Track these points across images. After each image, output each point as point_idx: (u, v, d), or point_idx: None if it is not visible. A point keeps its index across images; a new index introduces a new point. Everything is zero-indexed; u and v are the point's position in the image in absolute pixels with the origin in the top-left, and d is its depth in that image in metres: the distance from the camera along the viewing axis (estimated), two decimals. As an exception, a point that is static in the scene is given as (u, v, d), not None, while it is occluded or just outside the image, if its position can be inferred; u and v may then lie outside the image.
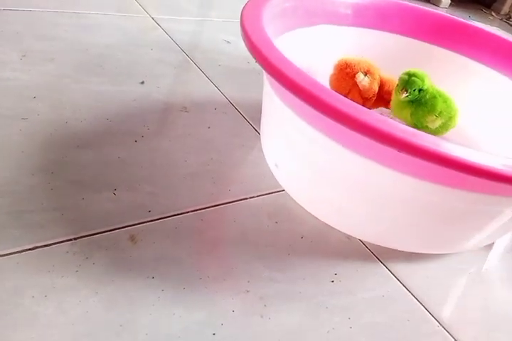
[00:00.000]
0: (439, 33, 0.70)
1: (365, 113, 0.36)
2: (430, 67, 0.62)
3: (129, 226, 0.43)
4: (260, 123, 0.60)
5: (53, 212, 0.42)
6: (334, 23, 0.63)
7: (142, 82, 0.65)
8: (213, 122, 0.61)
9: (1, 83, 0.56)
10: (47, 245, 0.39)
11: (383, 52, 0.67)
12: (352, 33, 0.65)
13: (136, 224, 0.43)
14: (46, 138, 0.50)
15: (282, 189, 0.53)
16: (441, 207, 0.43)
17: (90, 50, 0.69)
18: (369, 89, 0.58)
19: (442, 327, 0.42)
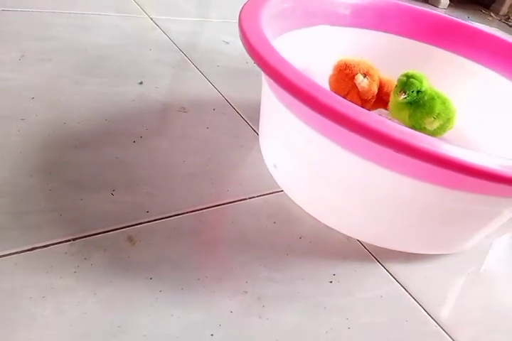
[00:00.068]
0: (438, 34, 0.70)
1: (364, 114, 0.36)
2: (428, 67, 0.62)
3: (128, 227, 0.43)
4: (259, 123, 0.60)
5: (51, 213, 0.42)
6: (333, 24, 0.63)
7: (141, 83, 0.65)
8: (212, 123, 0.61)
9: (-1, 83, 0.56)
10: (45, 246, 0.39)
11: (382, 52, 0.67)
12: (350, 33, 0.65)
13: (134, 225, 0.43)
14: (44, 139, 0.50)
15: (281, 189, 0.53)
16: (439, 207, 0.43)
17: (88, 51, 0.69)
18: (368, 90, 0.58)
19: (441, 327, 0.42)
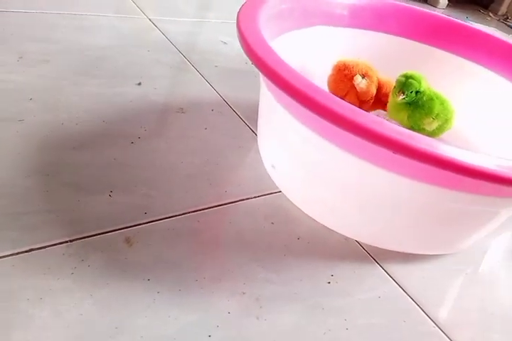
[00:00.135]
0: (436, 34, 0.70)
1: (361, 115, 0.36)
2: (427, 68, 0.62)
3: (125, 228, 0.43)
4: (257, 124, 0.60)
5: (49, 214, 0.42)
6: (331, 24, 0.63)
7: (139, 83, 0.65)
8: (210, 123, 0.61)
9: (-3, 85, 0.56)
10: (42, 247, 0.39)
11: (380, 53, 0.67)
12: (348, 34, 0.65)
13: (132, 226, 0.43)
14: (42, 140, 0.50)
15: (279, 190, 0.53)
16: (437, 208, 0.43)
17: (87, 52, 0.69)
18: (366, 91, 0.58)
19: (438, 328, 0.42)
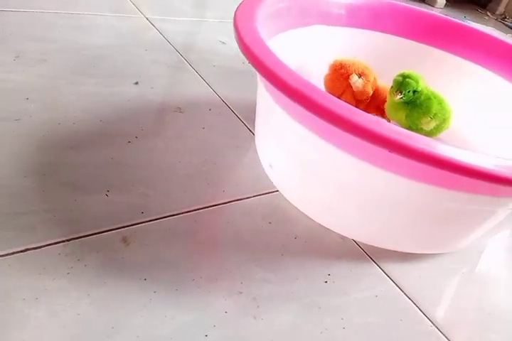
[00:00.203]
0: (434, 34, 0.70)
1: (359, 114, 0.36)
2: (424, 67, 0.62)
3: (122, 227, 0.42)
4: (255, 123, 0.60)
5: (45, 214, 0.41)
6: (328, 24, 0.63)
7: (136, 83, 0.65)
8: (208, 123, 0.61)
9: (-7, 84, 0.56)
10: (38, 247, 0.38)
11: (377, 52, 0.67)
12: (346, 33, 0.65)
13: (128, 226, 0.43)
14: (39, 140, 0.50)
15: (276, 189, 0.53)
16: (435, 207, 0.43)
17: (84, 51, 0.69)
18: (362, 91, 0.58)
19: (435, 327, 0.42)
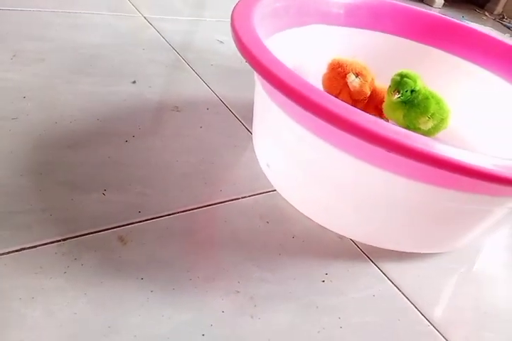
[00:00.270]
0: (432, 33, 0.70)
1: (356, 114, 0.36)
2: (423, 67, 0.62)
3: (119, 227, 0.42)
4: (252, 123, 0.59)
5: (42, 213, 0.41)
6: (326, 23, 0.63)
7: (134, 82, 0.65)
8: (205, 122, 0.61)
9: (-10, 83, 0.56)
10: (35, 246, 0.38)
11: (376, 52, 0.67)
12: (344, 32, 0.65)
13: (125, 225, 0.43)
14: (36, 139, 0.50)
15: (274, 189, 0.53)
16: (432, 207, 0.43)
17: (81, 50, 0.69)
18: (359, 90, 0.58)
19: (433, 326, 0.42)
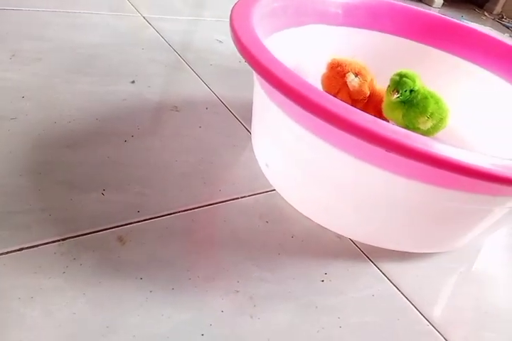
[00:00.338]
0: (431, 33, 0.70)
1: (355, 113, 0.36)
2: (422, 67, 0.62)
3: (118, 226, 0.42)
4: (251, 122, 0.59)
5: (41, 213, 0.41)
6: (325, 23, 0.63)
7: (133, 82, 0.65)
8: (204, 122, 0.61)
9: (-11, 83, 0.56)
10: (34, 246, 0.38)
11: (375, 51, 0.67)
12: (343, 32, 0.65)
13: (125, 225, 0.43)
14: (35, 138, 0.50)
15: (273, 189, 0.53)
16: (432, 206, 0.43)
17: (81, 50, 0.69)
18: (359, 90, 0.58)
19: (432, 326, 0.42)
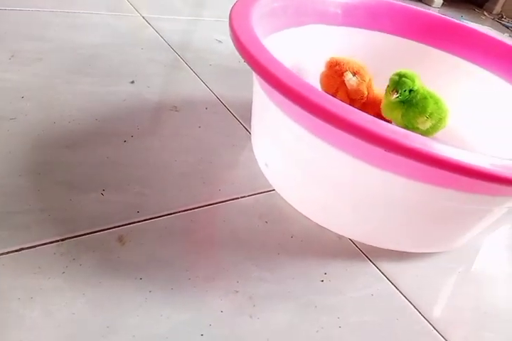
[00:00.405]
0: (431, 33, 0.70)
1: (354, 113, 0.36)
2: (422, 67, 0.62)
3: (118, 227, 0.42)
4: (251, 122, 0.59)
5: (40, 213, 0.41)
6: (324, 23, 0.63)
7: (132, 82, 0.65)
8: (204, 122, 0.61)
9: (-12, 83, 0.56)
10: (33, 246, 0.38)
11: (374, 51, 0.67)
12: (342, 32, 0.65)
13: (124, 225, 0.43)
14: (34, 139, 0.50)
15: (272, 188, 0.53)
16: (431, 206, 0.43)
17: (80, 50, 0.69)
18: (356, 89, 0.58)
19: (432, 326, 0.42)
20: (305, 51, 0.62)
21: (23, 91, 0.56)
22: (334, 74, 0.59)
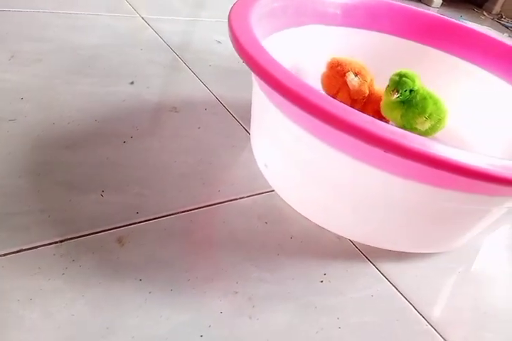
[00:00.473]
0: (430, 33, 0.71)
1: (353, 114, 0.36)
2: (421, 67, 0.62)
3: (117, 228, 0.42)
4: (250, 123, 0.59)
5: (40, 214, 0.41)
6: (324, 23, 0.63)
7: (132, 83, 0.65)
8: (203, 122, 0.61)
9: (-12, 84, 0.56)
10: (33, 248, 0.38)
11: (374, 52, 0.67)
12: (342, 32, 0.65)
13: (124, 226, 0.43)
14: (34, 139, 0.50)
15: (272, 189, 0.53)
16: (430, 207, 0.43)
17: (79, 51, 0.69)
18: (358, 90, 0.58)
19: (432, 326, 0.42)
20: (304, 51, 0.62)
21: (22, 92, 0.56)
22: (336, 75, 0.59)
